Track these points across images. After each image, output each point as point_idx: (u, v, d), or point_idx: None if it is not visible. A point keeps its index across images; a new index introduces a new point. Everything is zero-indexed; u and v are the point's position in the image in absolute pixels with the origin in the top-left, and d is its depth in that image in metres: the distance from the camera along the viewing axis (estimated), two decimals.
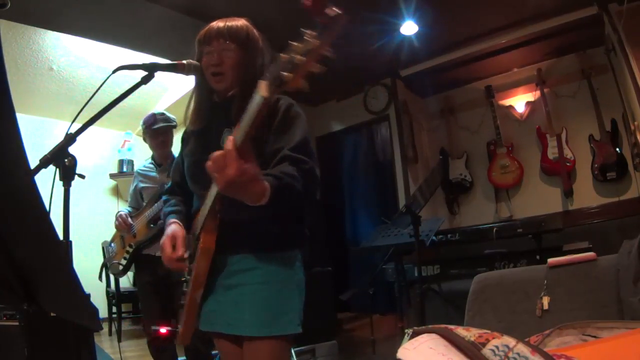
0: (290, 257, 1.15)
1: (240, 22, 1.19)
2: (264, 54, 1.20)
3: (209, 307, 1.16)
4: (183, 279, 1.22)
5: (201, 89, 1.23)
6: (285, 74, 0.74)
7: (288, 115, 1.14)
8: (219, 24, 1.16)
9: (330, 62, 0.75)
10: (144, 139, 2.50)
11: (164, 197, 1.38)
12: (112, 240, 2.57)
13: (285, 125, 1.12)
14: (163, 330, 2.07)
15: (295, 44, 0.72)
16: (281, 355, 1.10)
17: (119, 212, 2.47)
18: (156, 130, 2.40)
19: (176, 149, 2.53)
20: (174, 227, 1.21)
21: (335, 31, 0.69)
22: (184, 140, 1.34)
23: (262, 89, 0.79)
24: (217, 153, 0.86)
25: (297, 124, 1.13)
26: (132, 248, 2.37)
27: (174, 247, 1.16)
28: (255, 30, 1.21)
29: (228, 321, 1.10)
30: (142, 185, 2.48)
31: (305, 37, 0.71)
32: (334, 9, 0.68)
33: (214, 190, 1.01)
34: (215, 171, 0.86)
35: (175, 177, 1.36)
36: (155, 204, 2.31)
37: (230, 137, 0.87)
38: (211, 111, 1.22)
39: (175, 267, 1.16)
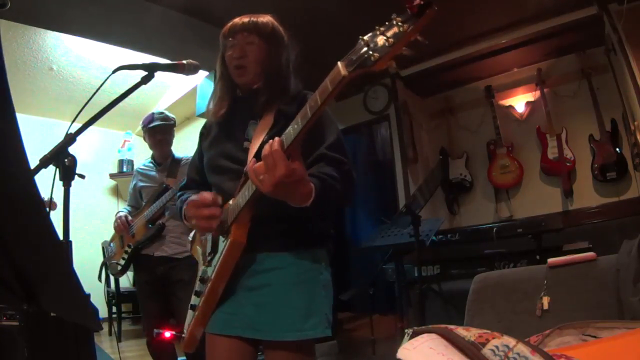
0: (316, 256, 1.11)
1: (266, 17, 1.18)
2: (289, 50, 1.18)
3: (226, 309, 1.10)
4: (200, 276, 1.15)
5: (224, 82, 1.21)
6: (373, 53, 0.72)
7: None
8: (243, 18, 1.15)
9: (328, 61, 0.74)
10: (144, 139, 2.50)
11: (178, 193, 1.34)
12: (112, 240, 2.57)
13: (316, 123, 1.09)
14: (167, 334, 2.03)
15: (382, 27, 0.72)
16: None
17: (118, 212, 2.46)
18: (153, 128, 2.39)
19: (176, 148, 2.54)
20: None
21: (426, 20, 0.69)
22: (202, 135, 1.31)
23: (341, 69, 0.77)
24: (267, 153, 0.84)
25: (329, 122, 1.12)
26: (131, 248, 2.37)
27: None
28: (280, 27, 1.19)
29: (251, 324, 1.05)
30: (141, 184, 2.48)
31: (393, 22, 0.70)
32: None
33: (249, 190, 0.97)
34: (264, 172, 0.85)
35: (192, 173, 1.33)
36: (154, 204, 2.31)
37: (277, 137, 0.85)
38: (234, 104, 1.20)
39: (207, 216, 1.06)
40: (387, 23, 0.71)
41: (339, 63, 0.78)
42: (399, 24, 0.69)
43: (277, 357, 1.04)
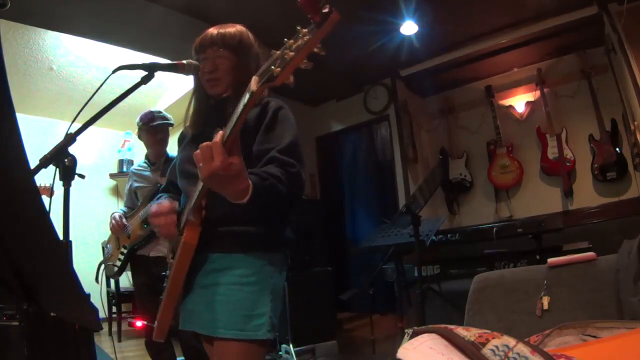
0: (268, 260, 1.12)
1: (234, 28, 1.22)
2: (259, 58, 1.22)
3: (187, 306, 1.15)
4: (164, 273, 1.21)
5: (199, 93, 1.27)
6: (274, 68, 0.75)
7: (277, 117, 1.15)
8: (212, 31, 1.20)
9: (328, 61, 0.76)
10: (139, 136, 2.50)
11: (158, 195, 1.38)
12: (109, 242, 2.56)
13: (273, 127, 1.13)
14: (139, 323, 2.04)
15: (289, 41, 0.73)
16: None
17: (113, 213, 2.46)
18: (155, 127, 2.40)
19: (171, 148, 2.54)
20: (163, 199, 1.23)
21: (327, 29, 0.70)
22: (179, 140, 1.36)
23: (252, 84, 0.80)
24: (205, 143, 0.88)
25: (286, 126, 1.14)
26: (127, 249, 2.37)
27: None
28: (250, 35, 1.24)
29: (202, 322, 1.10)
30: (136, 185, 2.47)
31: (298, 34, 0.72)
32: (327, 7, 0.69)
33: (200, 185, 1.01)
34: (201, 161, 0.88)
35: (171, 176, 1.39)
36: (149, 204, 2.30)
37: (220, 131, 0.89)
38: (207, 113, 1.26)
39: (163, 224, 1.15)
40: (296, 35, 0.72)
41: (253, 77, 0.81)
42: (302, 36, 0.71)
43: (219, 352, 1.07)
